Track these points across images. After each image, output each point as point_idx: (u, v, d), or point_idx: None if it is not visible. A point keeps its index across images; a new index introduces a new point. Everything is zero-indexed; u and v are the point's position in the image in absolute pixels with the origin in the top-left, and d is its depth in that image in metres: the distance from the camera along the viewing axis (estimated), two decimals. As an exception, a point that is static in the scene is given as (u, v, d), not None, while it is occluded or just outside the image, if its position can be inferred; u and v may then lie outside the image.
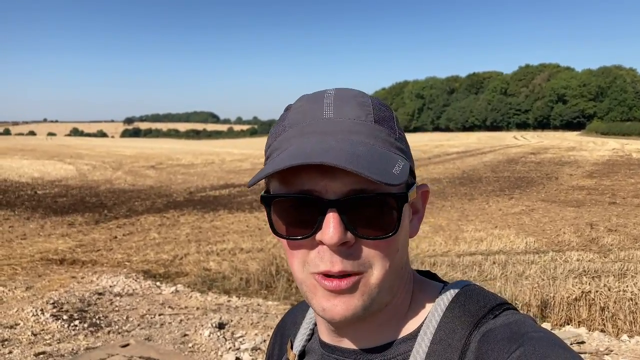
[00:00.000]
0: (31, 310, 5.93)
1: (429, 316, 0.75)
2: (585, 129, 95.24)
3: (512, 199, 15.81)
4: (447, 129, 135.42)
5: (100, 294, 6.81)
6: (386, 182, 0.63)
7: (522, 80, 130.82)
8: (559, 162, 28.43)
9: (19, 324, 5.62)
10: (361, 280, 0.69)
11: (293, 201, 0.69)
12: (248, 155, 39.28)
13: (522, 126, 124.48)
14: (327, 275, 0.68)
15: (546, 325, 5.68)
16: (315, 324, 0.85)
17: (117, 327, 5.63)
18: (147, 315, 6.02)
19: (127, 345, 4.71)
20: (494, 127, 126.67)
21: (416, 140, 62.45)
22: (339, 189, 0.67)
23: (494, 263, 8.32)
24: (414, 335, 0.74)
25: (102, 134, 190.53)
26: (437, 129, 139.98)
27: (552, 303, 6.02)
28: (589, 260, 8.42)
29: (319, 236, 0.67)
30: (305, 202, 0.68)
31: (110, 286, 7.22)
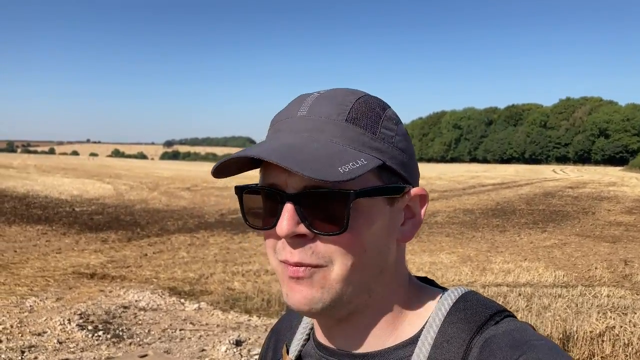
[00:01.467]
0: (59, 320, 6.13)
1: (429, 321, 0.74)
2: (628, 164, 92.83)
3: (544, 232, 15.52)
4: (485, 161, 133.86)
5: (125, 307, 6.99)
6: (321, 179, 0.63)
7: (562, 113, 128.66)
8: (597, 197, 27.76)
9: (47, 332, 5.83)
10: (320, 272, 0.70)
11: (258, 193, 0.75)
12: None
13: (562, 160, 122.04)
14: (287, 263, 0.71)
15: None
16: (312, 328, 0.87)
17: (138, 339, 5.78)
18: (169, 330, 6.15)
19: (145, 355, 4.84)
20: (533, 160, 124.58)
21: (452, 171, 61.92)
22: (297, 184, 0.69)
23: (520, 295, 8.19)
24: (413, 340, 0.74)
25: (142, 156, 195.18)
26: (474, 160, 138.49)
27: (575, 337, 5.90)
28: (620, 297, 8.20)
29: (276, 228, 0.71)
30: (268, 195, 0.73)
31: (136, 300, 7.40)
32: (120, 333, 5.92)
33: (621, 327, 5.75)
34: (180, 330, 6.16)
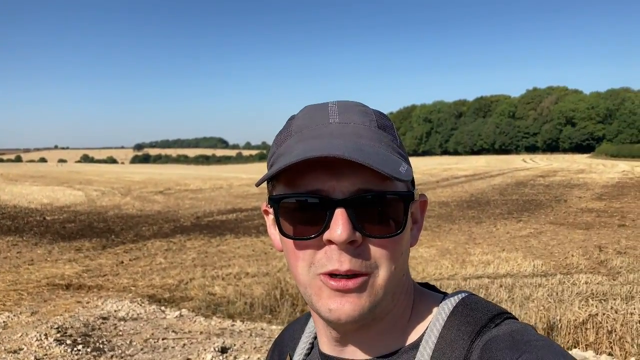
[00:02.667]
0: (35, 335, 5.93)
1: (430, 326, 0.75)
2: (594, 151, 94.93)
3: (520, 222, 15.72)
4: (456, 153, 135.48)
5: (104, 318, 6.81)
6: (396, 177, 0.66)
7: (530, 104, 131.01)
8: (568, 185, 28.29)
9: (23, 348, 5.62)
10: (368, 281, 0.69)
11: (301, 202, 0.71)
12: (256, 179, 39.30)
13: (531, 149, 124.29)
14: (334, 275, 0.69)
15: (553, 349, 5.61)
16: (315, 337, 0.85)
17: (120, 351, 5.62)
18: (151, 340, 6.00)
19: (129, 369, 4.69)
20: (503, 151, 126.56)
21: (424, 164, 62.45)
22: (347, 188, 0.68)
23: (501, 286, 8.24)
24: (415, 345, 0.75)
25: (112, 160, 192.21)
26: (445, 152, 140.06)
27: (559, 326, 5.95)
28: (597, 283, 8.33)
29: (327, 235, 0.68)
30: (314, 202, 0.69)
31: (115, 311, 7.22)
32: (101, 346, 5.75)
33: (603, 314, 5.81)
34: (163, 339, 6.02)
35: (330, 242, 0.69)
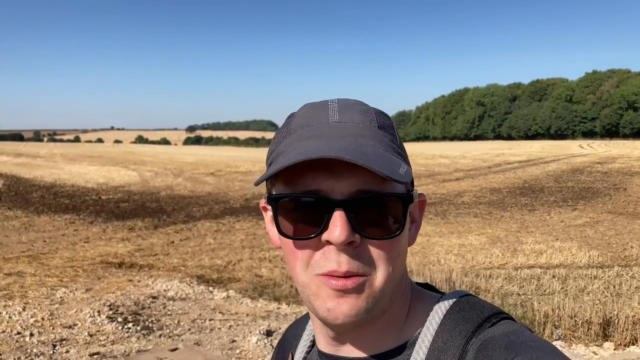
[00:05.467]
0: (89, 312, 6.13)
1: (426, 325, 0.75)
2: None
3: (575, 210, 15.16)
4: (509, 137, 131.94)
5: (154, 297, 6.97)
6: (395, 179, 0.65)
7: (588, 87, 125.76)
8: (628, 172, 27.08)
9: (77, 324, 5.82)
10: (366, 281, 0.69)
11: (299, 201, 0.70)
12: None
13: (589, 134, 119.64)
14: (332, 275, 0.68)
15: (608, 345, 5.38)
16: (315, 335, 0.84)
17: (168, 330, 5.74)
18: (198, 320, 6.11)
19: (176, 349, 4.78)
20: (559, 136, 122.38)
21: (476, 149, 61.14)
22: (346, 189, 0.68)
23: (554, 277, 7.97)
24: (411, 344, 0.75)
25: (165, 142, 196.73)
26: (498, 137, 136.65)
27: (616, 321, 5.70)
28: (659, 277, 7.94)
29: (325, 236, 0.68)
30: (312, 202, 0.69)
31: (165, 290, 7.38)
32: (150, 324, 5.89)
33: (665, 310, 5.52)
34: (210, 320, 6.11)
35: (328, 242, 0.68)
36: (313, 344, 0.87)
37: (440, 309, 0.76)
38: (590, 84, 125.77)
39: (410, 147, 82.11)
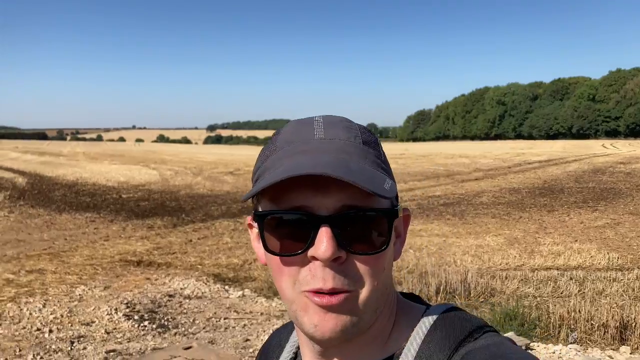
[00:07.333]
0: (106, 309, 6.24)
1: (410, 339, 0.76)
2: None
3: (595, 211, 14.96)
4: (530, 137, 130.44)
5: (170, 295, 7.07)
6: (380, 194, 0.65)
7: (612, 86, 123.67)
8: (651, 173, 26.62)
9: (95, 321, 5.93)
10: (352, 297, 0.70)
11: (285, 218, 0.71)
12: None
13: (612, 134, 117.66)
14: (318, 292, 0.69)
15: (625, 350, 5.33)
16: (299, 348, 0.85)
17: (183, 329, 5.82)
18: (213, 319, 6.18)
19: (190, 347, 4.85)
20: (581, 135, 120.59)
21: (496, 148, 60.58)
22: (332, 204, 0.68)
23: (571, 279, 7.89)
24: (395, 358, 0.76)
25: (186, 141, 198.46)
26: (519, 136, 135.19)
27: (633, 325, 5.63)
28: (680, 280, 7.81)
29: (311, 252, 0.68)
30: (298, 219, 0.70)
31: (181, 288, 7.47)
32: (166, 323, 5.97)
33: (683, 315, 5.44)
34: (225, 319, 6.18)
35: (314, 258, 0.69)
36: (295, 356, 0.88)
37: (424, 324, 0.77)
38: (614, 82, 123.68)
39: (430, 147, 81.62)
